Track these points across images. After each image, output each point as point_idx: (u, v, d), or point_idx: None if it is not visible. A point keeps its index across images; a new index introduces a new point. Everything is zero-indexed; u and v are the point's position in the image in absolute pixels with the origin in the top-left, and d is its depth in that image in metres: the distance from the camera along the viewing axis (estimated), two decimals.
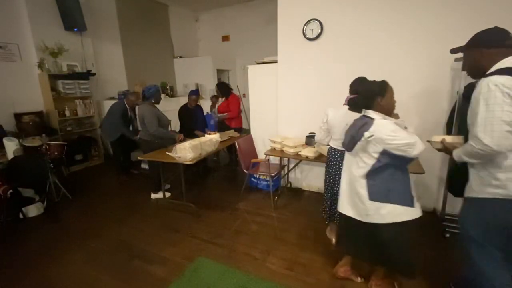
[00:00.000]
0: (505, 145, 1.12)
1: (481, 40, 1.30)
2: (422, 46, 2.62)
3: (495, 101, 1.11)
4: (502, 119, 1.10)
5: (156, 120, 3.12)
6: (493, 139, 1.12)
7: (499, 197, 1.20)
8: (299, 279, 1.96)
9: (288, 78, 3.34)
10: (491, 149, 1.13)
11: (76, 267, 2.16)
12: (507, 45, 1.23)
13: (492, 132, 1.12)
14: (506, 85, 1.10)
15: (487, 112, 1.13)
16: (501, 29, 1.27)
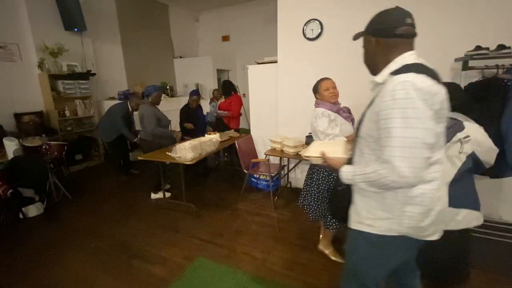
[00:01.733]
0: (421, 173, 0.85)
1: (374, 25, 1.02)
2: (421, 46, 2.60)
3: (415, 113, 0.81)
4: (423, 141, 0.82)
5: (155, 119, 3.12)
6: (414, 170, 0.82)
7: (390, 235, 0.99)
8: (299, 279, 1.96)
9: (288, 78, 3.34)
10: (406, 182, 0.85)
11: (76, 267, 2.16)
12: (398, 35, 0.95)
13: (414, 160, 0.82)
14: (427, 90, 0.83)
15: (406, 130, 0.82)
16: (397, 12, 0.98)
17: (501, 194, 2.58)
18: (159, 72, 6.27)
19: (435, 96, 0.83)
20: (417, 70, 0.87)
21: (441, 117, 0.86)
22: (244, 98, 6.28)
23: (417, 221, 0.93)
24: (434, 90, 0.83)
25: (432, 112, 0.83)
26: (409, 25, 0.94)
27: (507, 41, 2.12)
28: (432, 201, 0.93)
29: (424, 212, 0.93)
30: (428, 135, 0.82)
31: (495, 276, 1.93)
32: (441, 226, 1.00)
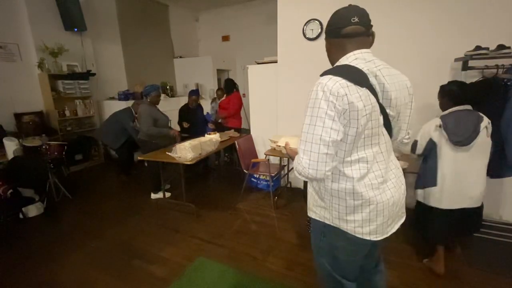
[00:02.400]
0: (321, 171, 0.90)
1: (327, 25, 1.05)
2: (422, 46, 2.62)
3: (318, 113, 0.88)
4: (321, 137, 0.88)
5: (150, 119, 3.11)
6: (311, 163, 0.90)
7: (328, 223, 1.05)
8: (299, 279, 1.96)
9: (288, 78, 3.34)
10: (307, 173, 0.92)
11: (76, 267, 2.16)
12: (344, 35, 0.97)
13: (312, 154, 0.89)
14: (333, 93, 0.86)
15: (310, 127, 0.90)
16: (345, 12, 1.01)
17: (501, 194, 2.58)
18: (159, 72, 6.27)
19: (340, 98, 0.86)
20: (337, 72, 0.91)
21: (352, 117, 0.88)
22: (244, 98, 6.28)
23: (343, 213, 0.99)
24: (341, 92, 0.86)
25: (335, 113, 0.87)
26: (355, 23, 0.96)
27: (507, 41, 2.12)
28: (356, 198, 0.97)
29: (348, 206, 0.98)
30: (326, 133, 0.87)
31: (495, 276, 1.93)
32: (387, 225, 1.02)
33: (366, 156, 0.96)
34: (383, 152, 0.99)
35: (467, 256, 2.15)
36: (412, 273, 1.98)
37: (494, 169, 2.30)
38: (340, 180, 0.98)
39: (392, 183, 1.02)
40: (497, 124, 2.25)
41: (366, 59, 0.97)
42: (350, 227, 1.00)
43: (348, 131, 0.91)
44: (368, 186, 0.97)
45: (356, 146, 0.94)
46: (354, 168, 0.96)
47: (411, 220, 2.04)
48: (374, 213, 0.98)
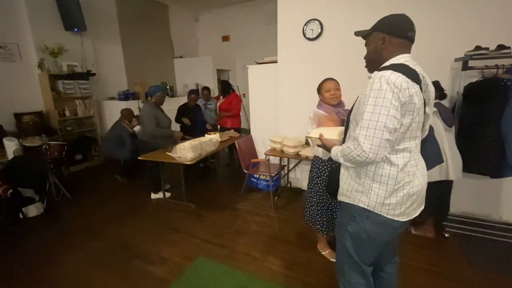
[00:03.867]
0: (382, 154, 1.01)
1: (389, 24, 1.15)
2: (422, 46, 2.61)
3: (383, 102, 0.98)
4: (386, 125, 0.98)
5: (154, 120, 3.11)
6: (372, 147, 1.00)
7: (364, 207, 1.13)
8: (299, 279, 1.96)
9: (288, 78, 3.34)
10: (367, 156, 1.01)
11: (76, 267, 2.16)
12: (408, 37, 1.11)
13: (373, 138, 0.99)
14: (397, 85, 0.97)
15: (373, 115, 0.99)
16: (408, 19, 1.15)
17: (501, 194, 2.58)
18: (159, 72, 6.27)
19: (403, 91, 0.97)
20: (396, 69, 1.02)
21: (409, 109, 1.00)
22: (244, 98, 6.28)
23: (382, 197, 1.08)
24: (403, 86, 0.98)
25: (398, 103, 0.98)
26: (414, 31, 1.12)
27: (507, 41, 2.12)
28: (397, 183, 1.07)
29: (388, 190, 1.08)
30: (390, 120, 0.98)
31: (495, 276, 1.93)
32: (413, 208, 1.14)
33: (410, 146, 1.09)
34: (418, 144, 1.14)
35: (467, 256, 2.15)
36: (412, 273, 1.98)
37: (494, 169, 2.31)
38: (385, 166, 1.07)
39: (420, 172, 1.14)
40: (497, 124, 2.25)
41: (413, 62, 1.09)
42: (384, 209, 1.09)
43: (403, 121, 1.02)
44: (406, 173, 1.08)
45: (404, 137, 1.06)
46: (399, 156, 1.07)
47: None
48: (406, 197, 1.09)
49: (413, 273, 1.98)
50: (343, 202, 1.23)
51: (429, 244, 2.31)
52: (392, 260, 1.38)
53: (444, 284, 1.88)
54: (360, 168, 1.13)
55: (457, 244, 2.30)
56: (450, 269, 2.01)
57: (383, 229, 1.14)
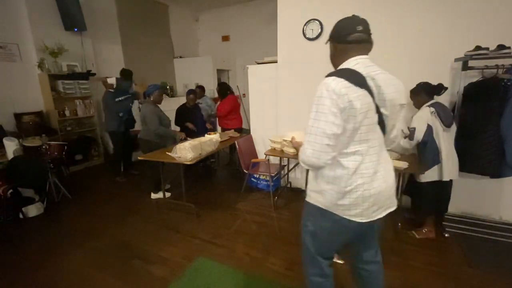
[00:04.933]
0: (323, 160, 1.05)
1: (334, 32, 1.17)
2: (422, 46, 2.62)
3: (322, 109, 1.02)
4: (324, 131, 1.02)
5: (157, 118, 3.13)
6: (313, 152, 1.05)
7: (320, 206, 1.19)
8: (299, 279, 1.95)
9: (288, 78, 3.34)
10: (310, 161, 1.07)
11: (76, 267, 2.16)
12: (350, 41, 1.10)
13: (314, 144, 1.04)
14: (336, 92, 0.99)
15: (314, 121, 1.04)
16: (350, 20, 1.14)
17: (501, 194, 2.58)
18: (159, 72, 6.27)
19: (342, 97, 0.99)
20: (340, 74, 1.03)
21: (351, 114, 1.01)
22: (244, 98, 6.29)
23: (334, 198, 1.13)
24: (343, 92, 0.99)
25: (337, 109, 1.00)
26: (360, 32, 1.10)
27: (507, 41, 2.12)
28: (348, 185, 1.09)
29: (340, 192, 1.11)
30: (329, 127, 1.01)
31: (495, 276, 1.93)
32: (372, 211, 1.14)
33: (360, 149, 1.09)
34: (375, 146, 1.12)
35: (467, 256, 2.15)
36: (412, 273, 1.98)
37: (494, 169, 2.31)
38: (337, 169, 1.11)
39: (381, 174, 1.13)
40: (497, 124, 2.25)
41: (366, 64, 1.10)
42: (339, 210, 1.14)
43: (347, 126, 1.03)
44: (359, 176, 1.09)
45: (353, 140, 1.07)
46: (350, 160, 1.09)
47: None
48: (361, 199, 1.10)
49: (413, 273, 1.98)
50: (305, 201, 1.28)
51: (429, 244, 2.31)
52: (375, 259, 1.40)
53: (444, 284, 1.88)
54: (318, 171, 1.16)
55: (457, 244, 2.30)
56: (450, 269, 2.01)
57: (339, 228, 1.19)
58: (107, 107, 4.00)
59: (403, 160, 2.33)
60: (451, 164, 2.24)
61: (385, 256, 2.16)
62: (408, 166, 2.26)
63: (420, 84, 2.35)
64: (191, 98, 4.09)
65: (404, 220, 2.64)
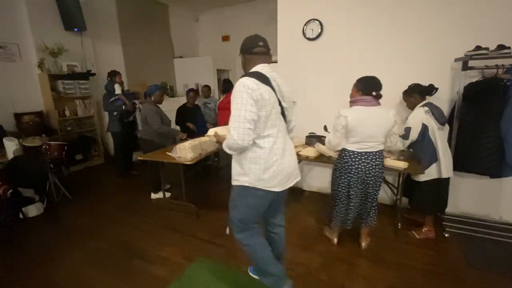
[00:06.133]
0: (247, 140, 1.32)
1: (242, 47, 1.50)
2: (422, 46, 2.63)
3: (241, 100, 1.30)
4: (245, 117, 1.29)
5: (158, 117, 3.14)
6: (238, 135, 1.31)
7: (247, 185, 1.46)
8: (299, 279, 1.96)
9: (288, 78, 3.31)
10: (237, 143, 1.32)
11: (76, 267, 2.16)
12: (256, 53, 1.46)
13: (238, 128, 1.30)
14: (250, 87, 1.29)
15: (236, 111, 1.31)
16: (254, 38, 1.48)
17: (501, 194, 2.58)
18: (159, 72, 6.27)
19: (254, 91, 1.30)
20: (251, 75, 1.35)
21: (262, 104, 1.33)
22: None
23: (258, 174, 1.42)
24: (254, 87, 1.30)
25: (252, 100, 1.30)
26: (261, 46, 1.46)
27: (507, 41, 2.12)
28: (267, 162, 1.41)
29: (261, 168, 1.42)
30: (248, 114, 1.30)
31: (495, 276, 1.94)
32: (285, 181, 1.49)
33: (272, 133, 1.42)
34: (282, 131, 1.48)
35: (467, 256, 2.15)
36: (412, 273, 1.98)
37: (494, 169, 2.31)
38: (256, 150, 1.42)
39: (288, 152, 1.49)
40: (497, 124, 2.25)
41: (268, 70, 1.44)
42: (261, 183, 1.44)
43: (260, 113, 1.34)
44: (274, 153, 1.42)
45: (266, 126, 1.39)
46: (266, 141, 1.41)
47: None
48: (277, 172, 1.44)
49: (413, 273, 1.98)
50: (233, 184, 1.55)
51: (429, 244, 2.32)
52: (281, 223, 1.77)
53: (444, 284, 1.88)
54: (241, 156, 1.45)
55: (457, 244, 2.30)
56: (450, 269, 2.01)
57: (261, 199, 1.50)
58: (104, 107, 4.14)
59: (404, 161, 2.34)
60: (447, 161, 2.27)
61: (385, 256, 2.17)
62: (408, 166, 2.27)
63: (412, 86, 2.41)
64: (191, 96, 4.08)
65: (404, 220, 2.64)
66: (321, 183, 3.48)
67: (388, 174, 2.92)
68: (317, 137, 2.97)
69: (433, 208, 2.42)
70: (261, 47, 1.45)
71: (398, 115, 2.72)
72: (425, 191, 2.34)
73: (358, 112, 1.91)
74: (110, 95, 4.03)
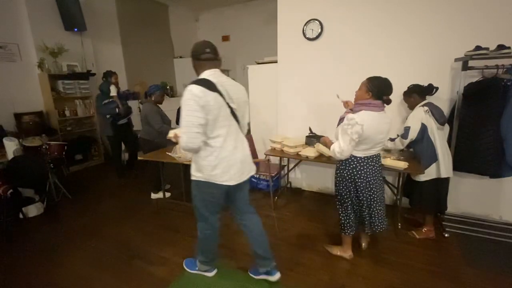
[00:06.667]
0: (195, 143, 1.46)
1: (192, 52, 1.59)
2: (422, 46, 2.62)
3: (190, 107, 1.41)
4: (193, 122, 1.42)
5: (159, 117, 3.14)
6: (188, 139, 1.44)
7: (201, 180, 1.63)
8: (299, 279, 1.96)
9: (288, 78, 3.34)
10: (188, 146, 1.46)
11: (76, 267, 2.16)
12: (204, 59, 1.54)
13: (188, 133, 1.44)
14: (196, 95, 1.40)
15: (186, 117, 1.43)
16: (202, 44, 1.56)
17: (501, 194, 2.58)
18: (159, 72, 6.27)
19: (200, 98, 1.41)
20: (198, 83, 1.45)
21: (208, 109, 1.44)
22: None
23: (210, 170, 1.58)
24: (200, 95, 1.41)
25: (199, 106, 1.41)
26: (208, 53, 1.54)
27: (507, 41, 2.12)
28: (217, 159, 1.55)
29: (212, 165, 1.56)
30: (195, 119, 1.42)
31: (495, 276, 1.94)
32: (238, 175, 1.63)
33: (221, 133, 1.54)
34: (233, 130, 1.60)
35: (467, 256, 2.15)
36: (412, 273, 1.98)
37: (494, 169, 2.31)
38: (207, 150, 1.55)
39: (239, 149, 1.63)
40: (497, 124, 2.25)
41: (217, 75, 1.54)
42: (213, 178, 1.59)
43: (208, 117, 1.46)
44: (223, 151, 1.55)
45: (215, 127, 1.51)
46: (215, 141, 1.54)
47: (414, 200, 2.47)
48: (228, 167, 1.58)
49: (413, 273, 1.98)
50: (192, 180, 1.69)
51: (429, 244, 2.32)
52: (250, 210, 1.88)
53: (444, 284, 1.88)
54: (195, 154, 1.60)
55: (457, 244, 2.30)
56: (450, 269, 2.02)
57: (214, 192, 1.64)
58: (97, 110, 3.98)
59: (404, 161, 2.34)
60: (447, 161, 2.28)
61: (385, 256, 2.17)
62: (408, 166, 2.27)
63: (410, 86, 2.42)
64: None
65: (404, 220, 2.64)
66: (321, 183, 3.48)
67: (388, 174, 2.92)
68: (317, 137, 2.97)
69: (433, 208, 2.42)
70: (208, 54, 1.54)
71: (399, 115, 2.75)
72: (425, 191, 2.34)
73: (373, 119, 1.76)
74: (104, 96, 3.83)
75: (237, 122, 1.63)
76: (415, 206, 2.54)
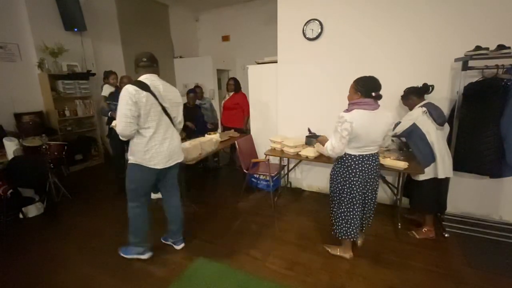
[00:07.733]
0: (127, 131, 1.81)
1: (135, 60, 1.99)
2: (422, 46, 2.62)
3: (124, 102, 1.76)
4: (125, 114, 1.76)
5: None
6: (122, 127, 1.79)
7: (134, 162, 1.93)
8: (299, 279, 1.96)
9: (288, 78, 3.34)
10: (121, 133, 1.82)
11: (76, 267, 2.16)
12: (141, 66, 1.95)
13: (121, 122, 1.78)
14: (130, 92, 1.76)
15: (120, 109, 1.77)
16: (140, 55, 1.96)
17: (501, 194, 2.58)
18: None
19: (133, 95, 1.76)
20: (134, 83, 1.82)
21: (140, 105, 1.79)
22: None
23: (141, 155, 1.90)
24: (133, 93, 1.77)
25: (132, 101, 1.76)
26: (144, 61, 1.96)
27: (507, 41, 2.12)
28: (146, 146, 1.89)
29: (142, 151, 1.89)
30: (128, 111, 1.76)
31: (495, 276, 1.94)
32: (165, 161, 1.98)
33: (152, 125, 1.88)
34: (163, 125, 1.94)
35: (467, 256, 2.15)
36: (412, 273, 1.98)
37: (494, 169, 2.31)
38: (140, 138, 1.89)
39: (168, 140, 1.98)
40: (497, 124, 2.25)
41: (152, 79, 1.91)
42: (144, 162, 1.91)
43: (140, 112, 1.80)
44: (153, 140, 1.90)
45: (147, 120, 1.85)
46: (146, 131, 1.88)
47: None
48: (156, 154, 1.93)
49: (413, 273, 1.98)
50: (127, 163, 1.98)
51: (429, 244, 2.32)
52: (175, 193, 2.28)
53: (444, 284, 1.88)
54: (131, 141, 1.92)
55: (457, 244, 2.30)
56: (450, 269, 2.02)
57: (144, 174, 1.95)
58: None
59: (404, 161, 2.34)
60: (447, 161, 2.28)
61: (385, 256, 2.17)
62: (408, 166, 2.27)
63: (406, 90, 2.44)
64: (191, 97, 4.09)
65: (404, 220, 2.64)
66: (321, 183, 3.48)
67: (388, 174, 2.92)
68: (316, 137, 2.97)
69: (433, 208, 2.42)
70: (144, 62, 1.94)
71: (398, 115, 2.75)
72: (425, 191, 2.34)
73: (364, 117, 1.78)
74: (107, 99, 3.74)
75: (170, 119, 1.98)
76: (415, 206, 2.54)
